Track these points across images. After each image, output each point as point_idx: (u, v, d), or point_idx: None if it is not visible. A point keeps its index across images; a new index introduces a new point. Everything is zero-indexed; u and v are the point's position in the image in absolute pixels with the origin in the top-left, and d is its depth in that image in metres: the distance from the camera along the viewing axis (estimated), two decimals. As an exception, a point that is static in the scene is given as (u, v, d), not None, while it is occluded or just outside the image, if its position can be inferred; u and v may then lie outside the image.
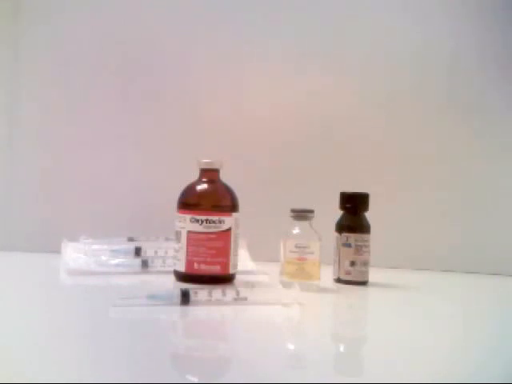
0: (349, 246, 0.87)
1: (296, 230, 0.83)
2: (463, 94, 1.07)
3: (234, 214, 0.84)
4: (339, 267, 0.88)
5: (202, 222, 0.81)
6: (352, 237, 0.88)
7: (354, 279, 0.87)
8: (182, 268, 0.82)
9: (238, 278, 0.85)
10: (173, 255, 0.85)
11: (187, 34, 1.09)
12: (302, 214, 0.83)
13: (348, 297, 0.83)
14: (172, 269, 0.84)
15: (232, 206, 0.84)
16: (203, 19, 1.10)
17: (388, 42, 1.08)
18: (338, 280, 0.88)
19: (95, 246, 0.94)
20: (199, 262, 0.81)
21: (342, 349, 0.61)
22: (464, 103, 1.07)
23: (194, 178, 0.86)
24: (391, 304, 0.79)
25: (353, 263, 0.87)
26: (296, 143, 1.09)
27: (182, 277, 0.82)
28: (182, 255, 0.82)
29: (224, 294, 0.69)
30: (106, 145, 1.10)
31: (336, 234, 0.89)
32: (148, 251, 0.93)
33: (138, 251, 0.93)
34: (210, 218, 0.81)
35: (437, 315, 0.74)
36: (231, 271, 0.83)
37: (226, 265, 0.82)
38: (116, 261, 0.89)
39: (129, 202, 1.08)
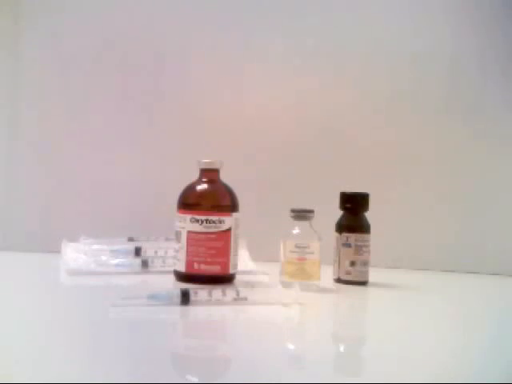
0: (349, 246, 0.87)
1: (296, 230, 0.83)
2: (463, 94, 1.07)
3: (234, 214, 0.84)
4: (339, 267, 0.88)
5: (202, 221, 0.81)
6: (352, 237, 0.88)
7: (354, 279, 0.87)
8: (182, 268, 0.82)
9: (238, 278, 0.85)
10: (173, 255, 0.85)
11: (187, 34, 1.09)
12: (301, 214, 0.83)
13: (348, 297, 0.83)
14: (172, 269, 0.84)
15: (232, 206, 0.84)
16: (203, 19, 1.10)
17: (388, 41, 1.08)
18: (338, 280, 0.88)
19: (95, 246, 0.94)
20: (199, 262, 0.81)
21: (341, 349, 0.61)
22: (464, 103, 1.07)
23: (194, 178, 0.86)
24: (391, 304, 0.80)
25: (353, 263, 0.87)
26: (296, 143, 1.09)
27: (182, 277, 0.82)
28: (182, 255, 0.82)
29: (224, 293, 0.69)
30: (105, 144, 1.10)
31: (336, 234, 0.89)
32: (148, 251, 0.93)
33: (137, 251, 0.93)
34: (210, 217, 0.81)
35: (437, 315, 0.74)
36: (231, 271, 0.83)
37: (225, 265, 0.82)
38: (116, 261, 0.89)
39: (129, 202, 1.08)
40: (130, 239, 0.99)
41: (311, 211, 0.84)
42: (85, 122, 1.10)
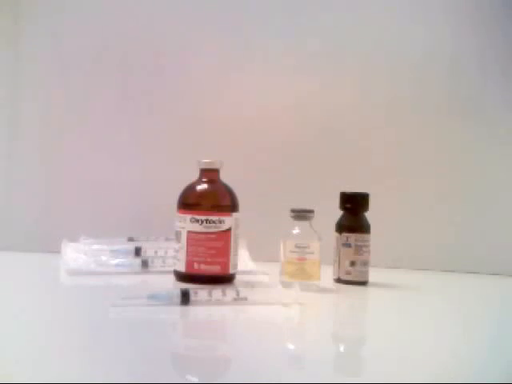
0: (349, 246, 0.87)
1: (296, 230, 0.83)
2: (463, 94, 1.07)
3: (234, 214, 0.84)
4: (339, 267, 0.88)
5: (202, 221, 0.81)
6: (352, 237, 0.88)
7: (354, 279, 0.87)
8: (182, 268, 0.82)
9: (238, 278, 0.85)
10: (173, 255, 0.85)
11: (187, 34, 1.09)
12: (302, 214, 0.83)
13: (348, 297, 0.83)
14: (172, 269, 0.84)
15: (232, 206, 0.84)
16: (203, 19, 1.10)
17: (388, 42, 1.08)
18: (338, 280, 0.88)
19: (95, 246, 0.94)
20: (199, 262, 0.81)
21: (341, 349, 0.61)
22: (464, 103, 1.07)
23: (194, 178, 0.86)
24: (391, 304, 0.80)
25: (353, 263, 0.87)
26: (296, 143, 1.09)
27: (182, 277, 0.82)
28: (182, 255, 0.82)
29: (224, 293, 0.69)
30: (106, 144, 1.10)
31: (336, 234, 0.89)
32: (148, 251, 0.93)
33: (138, 251, 0.93)
34: (209, 217, 0.81)
35: (437, 315, 0.74)
36: (231, 271, 0.83)
37: (225, 265, 0.82)
38: (116, 261, 0.89)
39: (129, 202, 1.08)
40: (130, 239, 0.99)
41: (311, 211, 0.84)
42: (85, 122, 1.10)
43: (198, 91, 1.10)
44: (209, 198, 0.85)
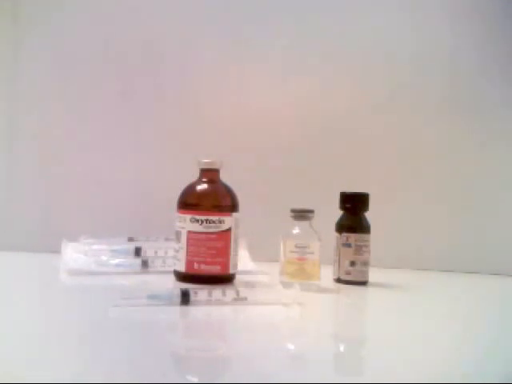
0: (349, 245, 0.87)
1: (296, 230, 0.83)
2: (463, 93, 1.07)
3: (234, 214, 0.84)
4: (339, 267, 0.88)
5: (202, 222, 0.81)
6: (352, 237, 0.88)
7: (354, 279, 0.87)
8: (181, 268, 0.82)
9: (238, 278, 0.85)
10: (173, 255, 0.85)
11: (187, 34, 1.09)
12: (302, 214, 0.83)
13: (348, 297, 0.83)
14: (172, 269, 0.84)
15: (232, 206, 0.84)
16: (203, 19, 1.10)
17: (388, 41, 1.08)
18: (338, 280, 0.88)
19: (95, 246, 0.94)
20: (199, 262, 0.81)
21: (341, 349, 0.61)
22: (464, 103, 1.07)
23: (194, 178, 0.86)
24: (391, 304, 0.79)
25: (353, 263, 0.87)
26: (296, 143, 1.09)
27: (182, 277, 0.82)
28: (182, 255, 0.82)
29: (224, 294, 0.69)
30: (105, 144, 1.10)
31: (336, 234, 0.89)
32: (148, 251, 0.93)
33: (138, 251, 0.93)
34: (209, 218, 0.81)
35: (437, 315, 0.74)
36: (231, 271, 0.83)
37: (225, 265, 0.82)
38: (116, 261, 0.89)
39: (129, 202, 1.08)
40: (130, 239, 0.99)
41: (311, 211, 0.84)
42: (84, 122, 1.10)
43: (198, 91, 1.10)
44: (209, 197, 0.85)
